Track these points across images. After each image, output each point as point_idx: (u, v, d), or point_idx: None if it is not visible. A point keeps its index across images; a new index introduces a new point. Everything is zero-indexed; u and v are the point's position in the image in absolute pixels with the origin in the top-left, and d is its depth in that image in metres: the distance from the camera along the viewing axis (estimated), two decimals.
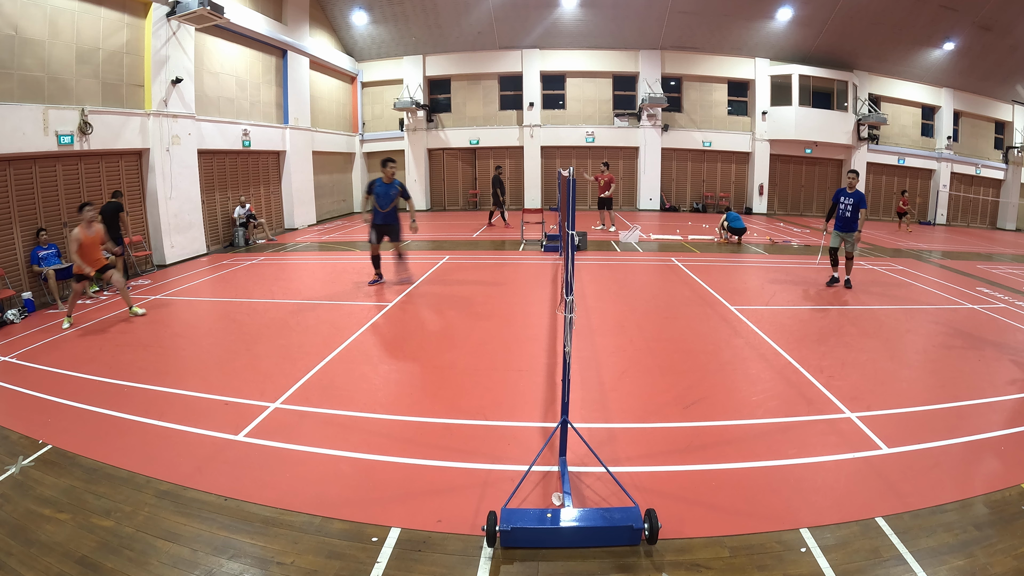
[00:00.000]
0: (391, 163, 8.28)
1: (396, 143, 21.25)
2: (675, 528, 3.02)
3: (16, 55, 8.22)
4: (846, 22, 18.22)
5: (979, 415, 4.43)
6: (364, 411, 4.51)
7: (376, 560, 2.84)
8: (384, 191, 8.19)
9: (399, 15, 18.83)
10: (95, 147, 9.42)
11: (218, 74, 13.12)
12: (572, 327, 3.21)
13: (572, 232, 3.30)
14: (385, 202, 8.18)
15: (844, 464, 3.67)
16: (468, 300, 7.93)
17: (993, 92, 21.51)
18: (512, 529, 2.88)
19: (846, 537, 2.96)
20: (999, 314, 7.45)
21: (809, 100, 20.17)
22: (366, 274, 9.10)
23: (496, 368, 5.40)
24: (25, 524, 3.13)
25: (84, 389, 4.93)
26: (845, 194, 8.62)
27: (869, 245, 14.12)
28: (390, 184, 8.23)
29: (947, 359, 5.75)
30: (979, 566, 2.76)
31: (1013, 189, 22.26)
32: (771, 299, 7.99)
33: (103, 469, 3.67)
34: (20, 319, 7.35)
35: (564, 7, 18.48)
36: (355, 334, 6.42)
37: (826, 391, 4.80)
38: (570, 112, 20.94)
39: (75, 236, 7.10)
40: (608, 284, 8.88)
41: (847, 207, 8.55)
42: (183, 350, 6.07)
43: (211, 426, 4.21)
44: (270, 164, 15.53)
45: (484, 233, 14.86)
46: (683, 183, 21.75)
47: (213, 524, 3.12)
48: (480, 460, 3.74)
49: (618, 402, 4.65)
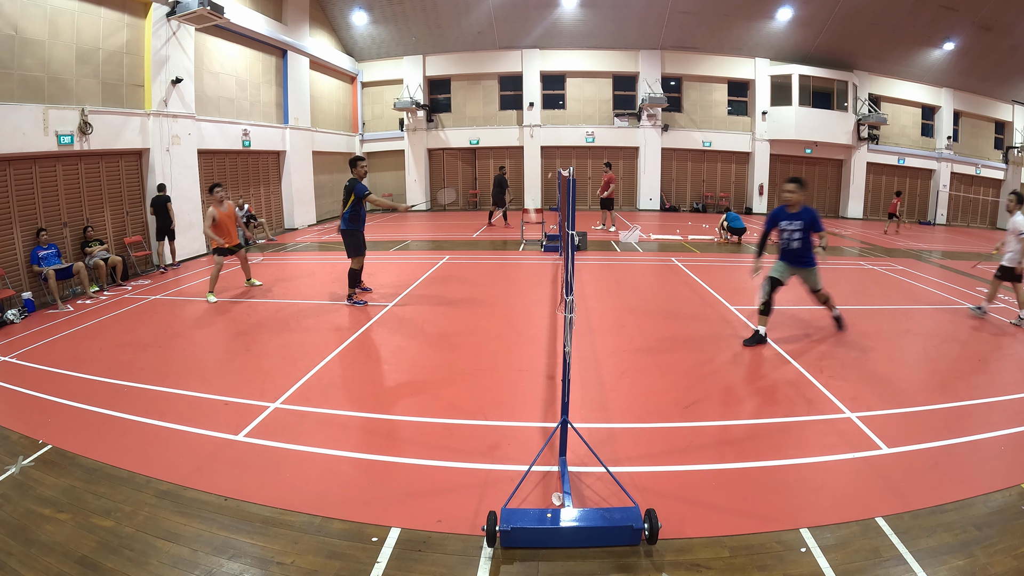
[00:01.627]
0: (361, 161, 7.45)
1: (396, 143, 21.27)
2: (675, 528, 3.02)
3: (16, 55, 8.22)
4: (846, 22, 18.23)
5: (979, 415, 4.43)
6: (364, 411, 4.51)
7: (376, 560, 2.84)
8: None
9: (399, 15, 18.84)
10: (95, 147, 9.42)
11: (218, 74, 13.12)
12: (572, 327, 3.21)
13: (572, 232, 3.30)
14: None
15: (844, 464, 3.67)
16: (468, 300, 7.93)
17: (993, 92, 21.52)
18: (512, 529, 2.88)
19: (846, 537, 2.96)
20: (999, 314, 7.44)
21: (809, 100, 20.18)
22: (366, 275, 9.09)
23: (496, 368, 5.40)
24: (25, 524, 3.13)
25: (84, 389, 4.93)
26: (786, 216, 5.86)
27: (869, 245, 14.12)
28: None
29: (947, 359, 5.75)
30: (979, 566, 2.76)
31: (1013, 189, 22.24)
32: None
33: (103, 469, 3.67)
34: (20, 319, 7.35)
35: (564, 7, 18.49)
36: (355, 334, 6.41)
37: (826, 391, 4.80)
38: (570, 112, 20.95)
39: (210, 213, 7.99)
40: (608, 284, 8.88)
41: (793, 235, 5.83)
42: (183, 350, 6.06)
43: (211, 426, 4.21)
44: (270, 164, 15.53)
45: (484, 233, 14.86)
46: (683, 183, 21.76)
47: (213, 524, 3.12)
48: (480, 460, 3.74)
49: (618, 402, 4.65)
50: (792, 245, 5.87)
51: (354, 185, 7.22)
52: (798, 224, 5.82)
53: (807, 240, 5.86)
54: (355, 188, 7.19)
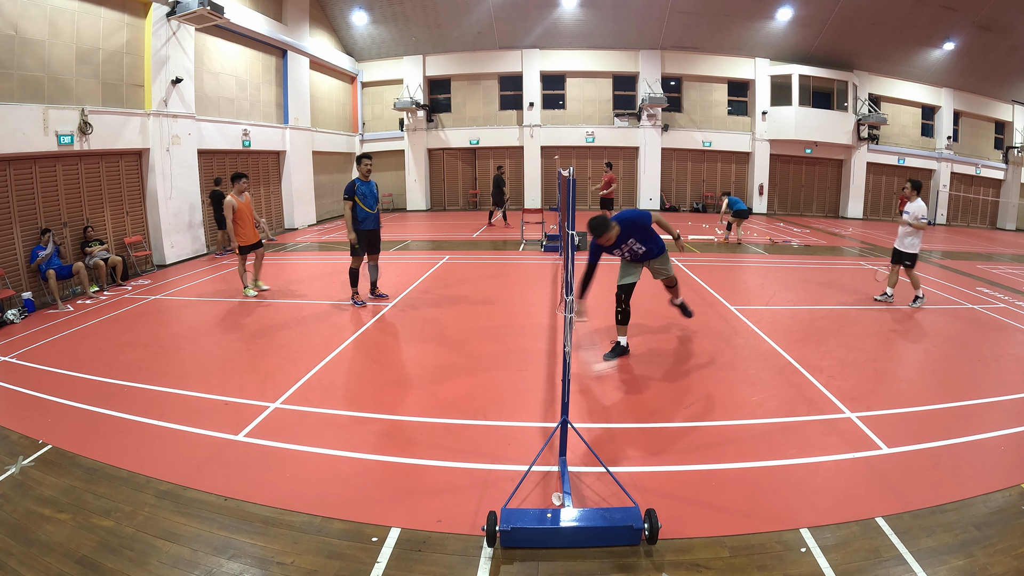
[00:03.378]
0: (367, 159, 7.44)
1: (396, 143, 21.26)
2: (675, 528, 3.02)
3: (16, 55, 8.22)
4: (846, 22, 18.22)
5: (979, 415, 4.43)
6: (364, 411, 4.51)
7: (376, 560, 2.84)
8: (369, 190, 7.39)
9: (399, 15, 18.84)
10: (95, 147, 9.42)
11: (218, 74, 13.12)
12: (572, 327, 3.21)
13: (572, 232, 3.30)
14: (372, 202, 7.41)
15: (844, 464, 3.67)
16: (468, 300, 7.93)
17: (993, 92, 21.52)
18: (512, 529, 2.88)
19: (846, 537, 2.96)
20: (999, 314, 7.44)
21: (809, 100, 20.17)
22: (365, 274, 9.07)
23: (496, 368, 5.40)
24: (25, 524, 3.13)
25: (84, 389, 4.93)
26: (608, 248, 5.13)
27: (869, 245, 14.12)
28: (369, 183, 7.44)
29: (947, 359, 5.75)
30: (979, 566, 2.76)
31: (1013, 189, 22.26)
32: (771, 299, 7.98)
33: (103, 469, 3.67)
34: (20, 319, 7.35)
35: (564, 7, 18.48)
36: (355, 334, 6.41)
37: (826, 391, 4.80)
38: (570, 112, 20.95)
39: (229, 203, 7.94)
40: (608, 284, 8.85)
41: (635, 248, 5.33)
42: (183, 350, 6.06)
43: (211, 426, 4.21)
44: (270, 164, 15.53)
45: (484, 233, 14.86)
46: (683, 183, 21.75)
47: (213, 524, 3.12)
48: (480, 460, 3.74)
49: (618, 402, 4.65)
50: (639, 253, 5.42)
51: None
52: (633, 242, 5.27)
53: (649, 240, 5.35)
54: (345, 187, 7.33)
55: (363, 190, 7.35)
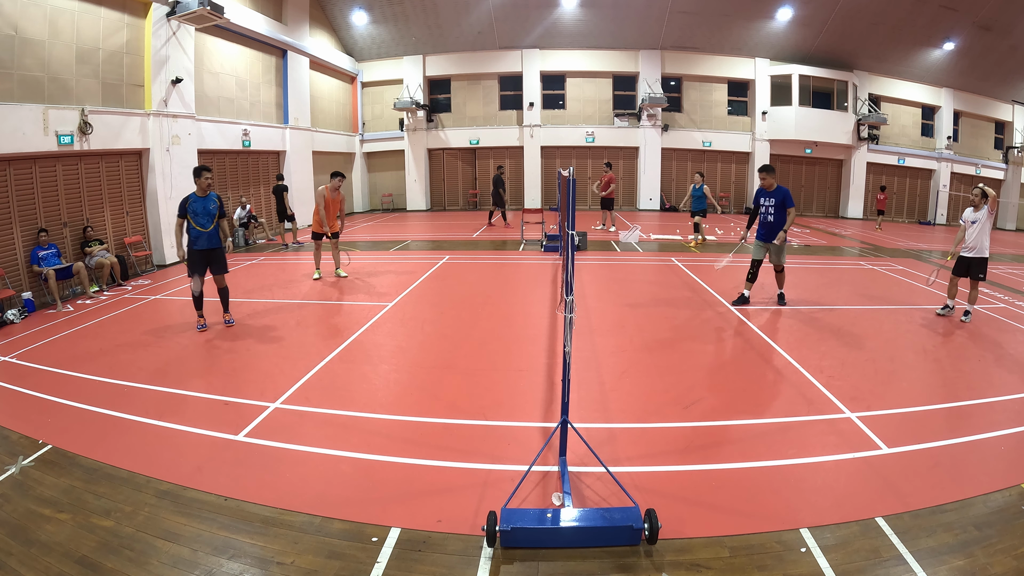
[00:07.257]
0: (206, 172, 6.56)
1: (396, 143, 21.27)
2: (675, 528, 3.02)
3: (16, 55, 8.22)
4: (846, 22, 18.23)
5: (979, 415, 4.43)
6: (364, 411, 4.51)
7: (376, 560, 2.84)
8: (203, 207, 6.54)
9: (399, 15, 18.84)
10: (95, 147, 9.42)
11: (218, 74, 13.12)
12: (572, 327, 3.21)
13: (572, 232, 3.30)
14: (206, 220, 6.57)
15: (844, 464, 3.67)
16: (468, 300, 7.93)
17: (993, 92, 21.53)
18: (512, 529, 2.88)
19: (846, 537, 2.96)
20: (999, 314, 7.44)
21: (809, 100, 20.18)
22: (366, 274, 9.08)
23: (496, 368, 5.40)
24: (25, 524, 3.12)
25: (84, 389, 4.93)
26: (765, 194, 7.28)
27: (869, 245, 14.12)
28: (207, 198, 6.59)
29: (947, 359, 5.75)
30: (979, 566, 2.76)
31: (1013, 189, 22.27)
32: (771, 299, 7.98)
33: (103, 469, 3.67)
34: (20, 319, 7.35)
35: (564, 7, 18.49)
36: (355, 334, 6.41)
37: (826, 391, 4.80)
38: (570, 112, 20.95)
39: (321, 193, 8.79)
40: (608, 284, 8.88)
41: (769, 210, 7.24)
42: (183, 350, 6.06)
43: (211, 426, 4.21)
44: (270, 164, 15.52)
45: (484, 233, 14.86)
46: (683, 183, 21.72)
47: (213, 524, 3.12)
48: (480, 460, 3.74)
49: (618, 402, 4.65)
50: (768, 218, 7.30)
51: (221, 203, 6.75)
52: (773, 201, 7.24)
53: (780, 215, 7.20)
54: (221, 207, 6.70)
55: (195, 207, 6.52)
